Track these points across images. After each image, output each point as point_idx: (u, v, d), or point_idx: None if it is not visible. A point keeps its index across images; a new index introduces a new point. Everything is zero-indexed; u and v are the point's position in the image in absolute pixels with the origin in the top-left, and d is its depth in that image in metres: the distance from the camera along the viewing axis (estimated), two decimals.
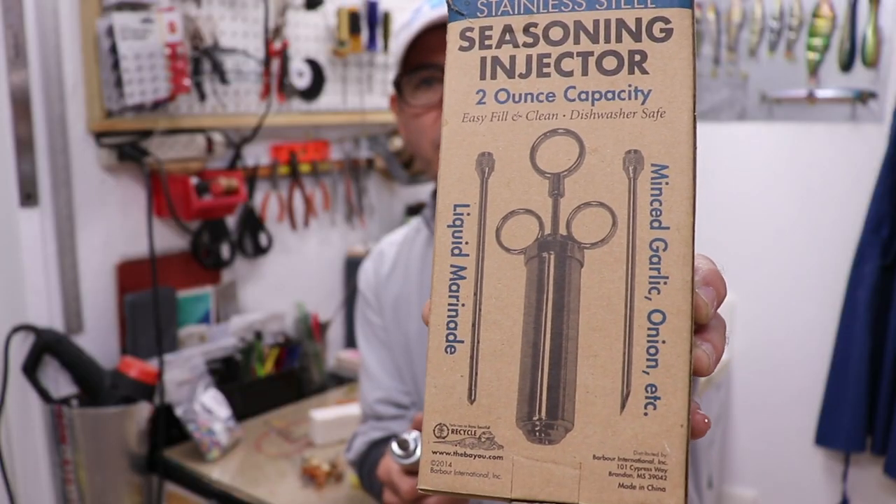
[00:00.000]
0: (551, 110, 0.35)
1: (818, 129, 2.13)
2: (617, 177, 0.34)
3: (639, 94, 0.34)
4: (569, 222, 0.34)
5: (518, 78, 0.36)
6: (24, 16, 1.41)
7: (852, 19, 2.03)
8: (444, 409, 0.34)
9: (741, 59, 2.23)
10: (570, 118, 0.35)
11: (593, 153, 0.34)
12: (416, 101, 0.91)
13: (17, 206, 1.45)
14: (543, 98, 0.35)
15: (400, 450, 0.76)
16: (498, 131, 0.36)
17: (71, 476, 1.46)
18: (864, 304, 2.00)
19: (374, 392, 1.04)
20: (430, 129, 0.90)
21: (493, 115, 0.36)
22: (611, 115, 0.34)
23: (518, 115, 0.36)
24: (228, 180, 1.69)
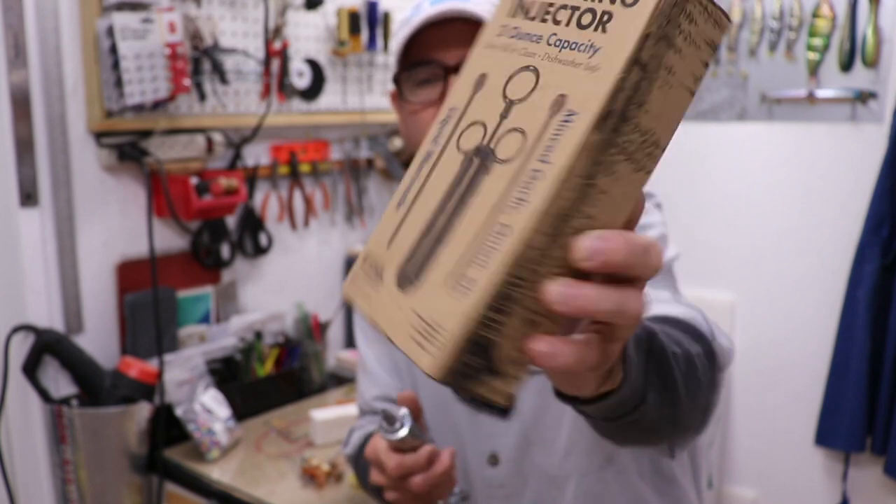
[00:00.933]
0: (533, 50, 0.42)
1: (818, 129, 2.13)
2: (542, 113, 0.39)
3: (591, 49, 0.39)
4: (498, 139, 0.41)
5: (527, 20, 0.43)
6: (24, 15, 1.41)
7: (852, 19, 2.03)
8: (374, 244, 0.45)
9: (741, 59, 2.23)
10: (541, 59, 0.41)
11: (539, 90, 0.40)
12: (416, 98, 0.90)
13: (17, 206, 1.45)
14: (534, 39, 0.42)
15: (387, 424, 0.75)
16: (497, 59, 0.44)
17: (71, 476, 1.46)
18: (864, 304, 2.00)
19: (372, 389, 1.04)
20: (429, 126, 0.89)
21: (501, 46, 0.44)
22: (566, 63, 0.40)
23: (514, 49, 0.43)
24: (228, 180, 1.69)
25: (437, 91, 0.87)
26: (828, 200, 2.14)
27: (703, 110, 2.33)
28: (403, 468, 0.75)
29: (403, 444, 0.75)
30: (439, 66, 0.87)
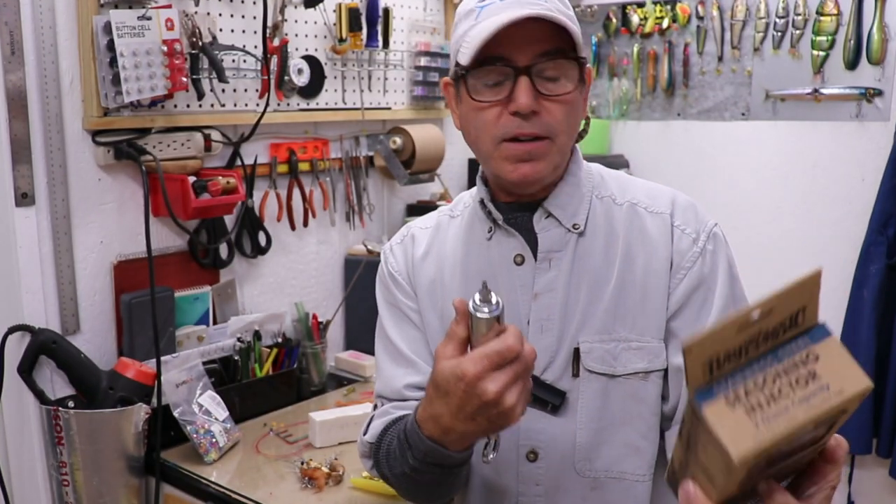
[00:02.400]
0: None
1: (823, 127, 2.11)
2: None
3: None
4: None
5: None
6: (21, 12, 1.40)
7: (858, 16, 2.01)
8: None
9: (745, 57, 2.21)
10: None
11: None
12: (482, 96, 0.90)
13: (12, 206, 1.44)
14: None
15: (482, 298, 0.73)
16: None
17: (67, 478, 1.45)
18: (869, 304, 1.98)
19: (407, 376, 0.98)
20: (493, 124, 0.90)
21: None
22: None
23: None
24: (226, 179, 1.67)
25: (506, 91, 0.88)
26: (833, 199, 2.12)
27: (707, 108, 2.31)
28: (512, 349, 0.71)
29: (498, 325, 0.73)
30: (512, 66, 0.87)
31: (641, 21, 2.36)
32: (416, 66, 2.15)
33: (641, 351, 0.90)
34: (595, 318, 0.91)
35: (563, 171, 0.96)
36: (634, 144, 2.45)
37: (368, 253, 2.05)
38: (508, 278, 0.95)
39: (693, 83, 2.31)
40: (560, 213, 0.94)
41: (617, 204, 0.97)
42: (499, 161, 0.92)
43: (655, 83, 2.38)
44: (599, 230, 0.95)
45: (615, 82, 2.46)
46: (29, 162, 1.45)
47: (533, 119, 0.88)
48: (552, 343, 0.92)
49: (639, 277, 0.92)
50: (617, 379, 0.90)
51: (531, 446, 0.93)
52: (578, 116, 0.94)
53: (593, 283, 0.92)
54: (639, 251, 0.93)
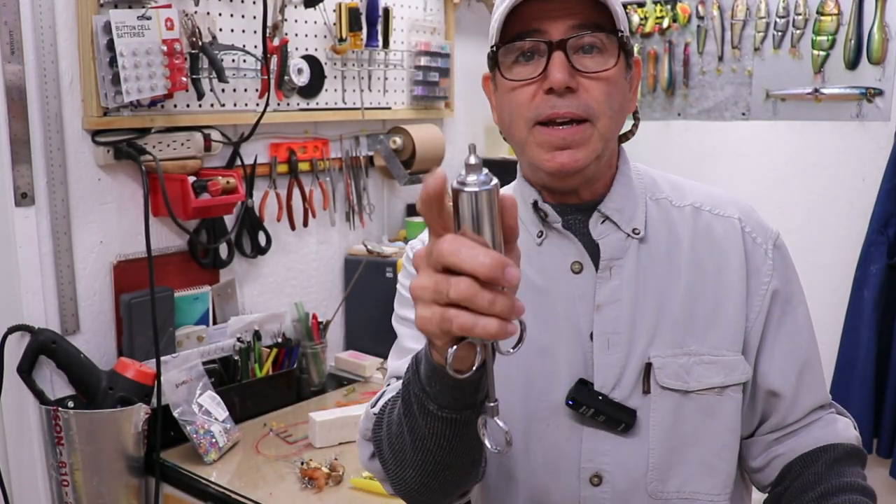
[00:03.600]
0: None
1: (824, 126, 2.11)
2: None
3: None
4: None
5: None
6: (20, 12, 1.40)
7: (858, 16, 2.00)
8: None
9: (746, 57, 2.21)
10: None
11: None
12: (514, 74, 0.82)
13: (12, 205, 1.44)
14: None
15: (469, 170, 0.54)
16: None
17: (67, 478, 1.45)
18: (870, 304, 1.98)
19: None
20: (526, 106, 0.82)
21: None
22: None
23: None
24: (226, 179, 1.67)
25: (539, 67, 0.80)
26: (833, 199, 2.12)
27: (708, 108, 2.31)
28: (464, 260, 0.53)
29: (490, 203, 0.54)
30: (544, 38, 0.80)
31: (642, 21, 2.36)
32: (415, 66, 2.15)
33: (715, 365, 0.84)
34: (665, 331, 0.85)
35: (613, 169, 0.89)
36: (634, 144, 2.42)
37: (368, 253, 2.05)
38: (566, 288, 0.87)
39: (693, 83, 2.31)
40: (618, 216, 0.87)
41: (676, 207, 0.90)
42: (533, 148, 0.83)
43: (656, 83, 2.38)
44: (660, 235, 0.88)
45: None
46: (29, 162, 1.45)
47: (569, 97, 0.80)
48: (620, 358, 0.84)
49: (710, 287, 0.86)
50: (690, 395, 0.84)
51: (595, 470, 0.84)
52: (622, 100, 0.84)
53: (660, 294, 0.85)
54: (707, 258, 0.87)
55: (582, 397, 0.83)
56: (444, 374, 0.62)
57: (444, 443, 0.70)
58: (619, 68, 0.83)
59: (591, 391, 0.83)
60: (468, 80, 2.39)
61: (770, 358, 0.87)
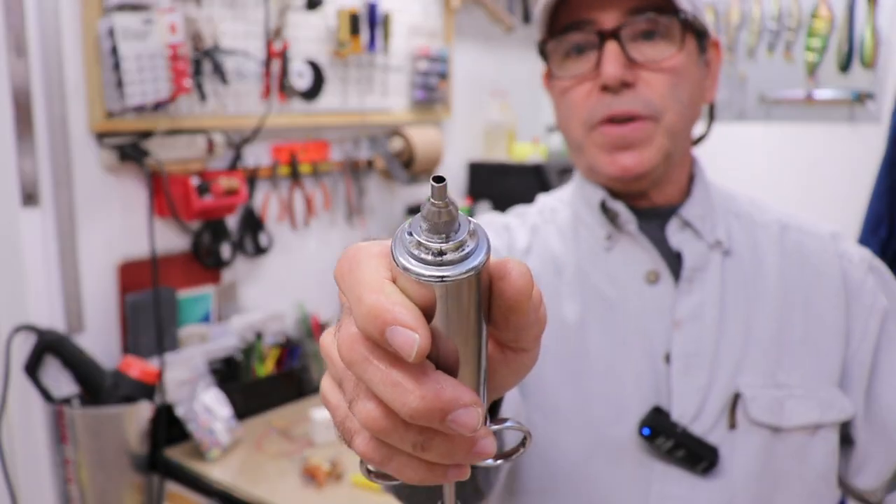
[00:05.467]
0: None
1: (816, 129, 2.14)
2: None
3: None
4: None
5: None
6: (26, 16, 1.42)
7: (850, 20, 2.03)
8: None
9: (739, 60, 2.24)
10: None
11: None
12: (565, 71, 0.74)
13: (18, 207, 1.45)
14: None
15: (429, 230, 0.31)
16: None
17: (72, 475, 1.47)
18: None
19: None
20: (581, 105, 0.73)
21: None
22: None
23: None
24: (229, 181, 1.69)
25: (591, 62, 0.71)
26: (826, 201, 2.14)
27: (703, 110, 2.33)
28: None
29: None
30: (594, 29, 0.71)
31: None
32: (415, 70, 2.18)
33: (810, 400, 0.71)
34: (755, 358, 0.72)
35: (688, 170, 0.79)
36: None
37: None
38: (638, 300, 0.75)
39: None
40: (700, 224, 0.76)
41: (759, 224, 0.79)
42: (592, 150, 0.74)
43: None
44: (744, 252, 0.77)
45: None
46: (34, 164, 1.46)
47: (626, 94, 0.70)
48: (702, 385, 0.71)
49: (801, 312, 0.74)
50: (781, 433, 0.71)
51: None
52: (692, 90, 0.73)
53: (747, 315, 0.74)
54: (798, 280, 0.75)
55: (660, 426, 0.69)
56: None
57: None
58: (687, 54, 0.72)
59: (669, 420, 0.70)
60: (467, 83, 2.42)
61: (891, 386, 0.73)
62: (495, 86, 2.49)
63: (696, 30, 0.73)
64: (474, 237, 0.31)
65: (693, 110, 0.75)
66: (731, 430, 0.71)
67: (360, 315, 0.30)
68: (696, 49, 0.73)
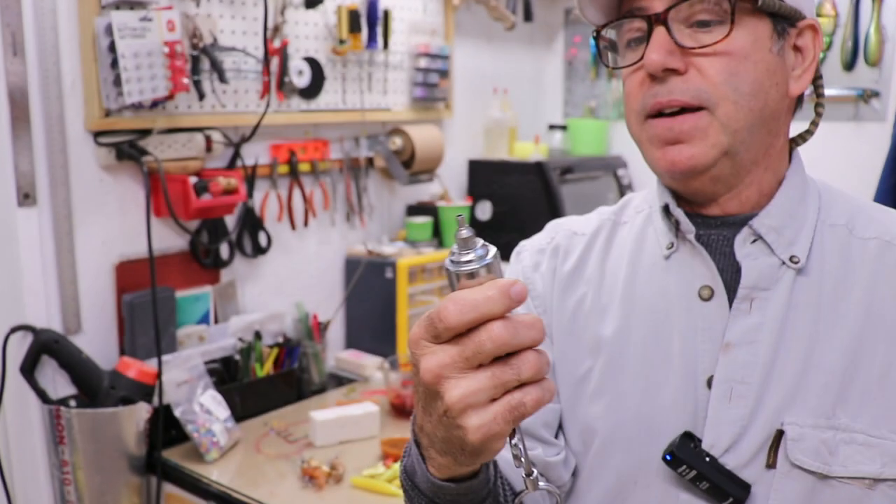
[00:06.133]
0: None
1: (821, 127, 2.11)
2: None
3: None
4: None
5: None
6: (23, 14, 1.40)
7: (855, 18, 2.02)
8: None
9: None
10: None
11: None
12: (624, 62, 0.71)
13: (14, 206, 1.44)
14: None
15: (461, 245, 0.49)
16: None
17: (69, 477, 1.46)
18: None
19: None
20: (634, 96, 0.70)
21: None
22: None
23: None
24: (227, 180, 1.68)
25: (642, 50, 0.67)
26: None
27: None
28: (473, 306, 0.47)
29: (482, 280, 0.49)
30: (642, 16, 0.67)
31: None
32: (415, 68, 2.16)
33: (873, 449, 0.64)
34: (810, 393, 0.66)
35: (777, 176, 0.71)
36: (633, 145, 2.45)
37: (368, 253, 2.06)
38: (688, 317, 0.70)
39: None
40: (774, 237, 0.69)
41: (858, 238, 0.70)
42: (646, 145, 0.70)
43: None
44: (829, 269, 0.68)
45: (614, 83, 2.47)
46: (31, 162, 1.45)
47: (673, 81, 0.66)
48: (743, 416, 0.67)
49: (885, 343, 0.65)
50: (830, 481, 0.64)
51: None
52: (758, 78, 0.66)
53: (813, 342, 0.66)
54: (890, 307, 0.66)
55: (684, 454, 0.66)
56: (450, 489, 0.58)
57: None
58: (747, 36, 0.65)
59: (697, 449, 0.67)
60: (467, 81, 2.40)
61: None
62: (496, 84, 2.47)
63: (772, 11, 0.66)
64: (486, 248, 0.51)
65: (762, 101, 0.67)
66: (768, 470, 0.66)
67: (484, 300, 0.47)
68: (768, 32, 0.67)
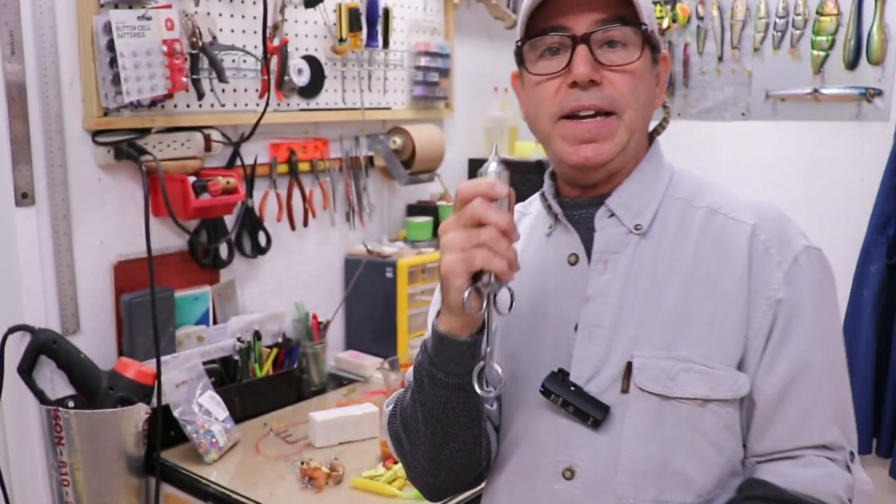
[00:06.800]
0: None
1: (823, 127, 2.11)
2: None
3: None
4: None
5: None
6: (21, 12, 1.40)
7: (858, 16, 2.01)
8: None
9: (745, 57, 2.21)
10: None
11: None
12: (540, 69, 0.84)
13: (13, 206, 1.44)
14: None
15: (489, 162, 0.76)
16: None
17: (67, 478, 1.45)
18: (869, 304, 1.98)
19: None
20: (550, 100, 0.84)
21: None
22: None
23: None
24: (226, 179, 1.67)
25: (564, 61, 0.82)
26: (832, 199, 2.12)
27: (707, 108, 2.31)
28: (472, 185, 0.73)
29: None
30: (568, 33, 0.81)
31: None
32: (415, 67, 2.15)
33: (704, 376, 0.80)
34: (653, 332, 0.82)
35: (632, 164, 0.88)
36: None
37: (368, 253, 2.06)
38: (560, 279, 0.88)
39: (693, 83, 2.31)
40: (622, 211, 0.86)
41: (694, 207, 0.87)
42: (558, 141, 0.84)
43: None
44: (668, 234, 0.85)
45: None
46: (29, 162, 1.45)
47: (593, 91, 0.81)
48: (599, 352, 0.83)
49: (709, 292, 0.82)
50: (671, 401, 0.80)
51: (568, 463, 0.84)
52: (648, 93, 0.85)
53: (652, 291, 0.83)
54: (711, 262, 0.83)
55: (554, 386, 0.84)
56: (449, 342, 0.78)
57: (449, 412, 0.82)
58: (644, 62, 0.83)
59: (564, 381, 0.84)
60: (468, 80, 2.39)
61: (762, 377, 0.81)
62: (497, 83, 2.46)
63: (653, 44, 0.85)
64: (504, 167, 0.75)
65: (648, 111, 0.87)
66: (623, 394, 0.82)
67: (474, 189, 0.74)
68: (650, 59, 0.86)
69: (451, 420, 0.83)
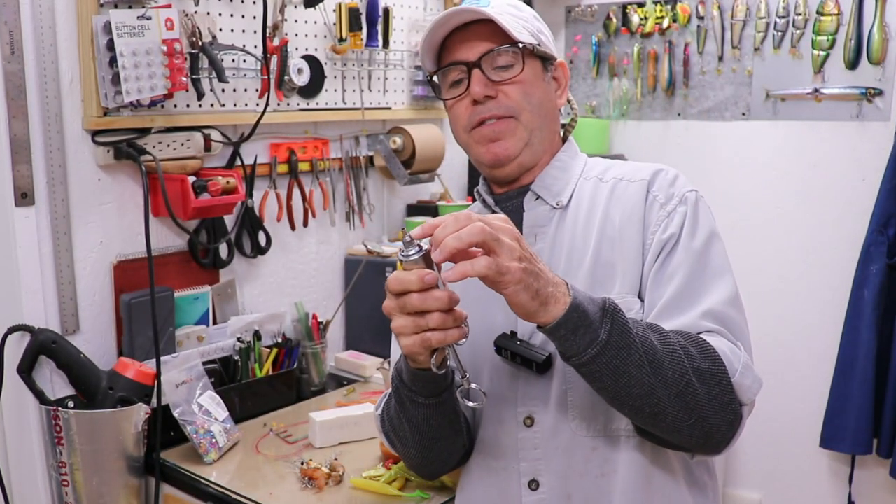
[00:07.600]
0: None
1: (823, 126, 2.11)
2: None
3: None
4: None
5: None
6: (20, 12, 1.40)
7: (858, 16, 2.00)
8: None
9: (746, 57, 2.21)
10: None
11: None
12: (449, 94, 1.06)
13: (12, 205, 1.44)
14: None
15: (404, 247, 0.81)
16: None
17: (67, 478, 1.45)
18: (870, 304, 1.98)
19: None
20: (462, 115, 1.05)
21: None
22: None
23: None
24: (226, 179, 1.67)
25: (465, 85, 1.03)
26: (833, 199, 2.12)
27: (707, 108, 2.31)
28: (400, 282, 0.80)
29: (414, 266, 0.80)
30: (463, 63, 1.02)
31: (642, 21, 2.36)
32: (416, 66, 2.15)
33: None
34: (577, 284, 0.92)
35: (548, 157, 1.07)
36: (635, 144, 2.45)
37: (368, 253, 2.05)
38: None
39: (693, 83, 2.31)
40: (545, 192, 1.05)
41: (603, 181, 1.05)
42: (474, 146, 1.05)
43: (656, 83, 2.37)
44: (583, 204, 1.03)
45: (615, 82, 2.46)
46: (29, 162, 1.44)
47: (491, 103, 1.02)
48: None
49: (615, 243, 0.99)
50: None
51: (527, 412, 0.99)
52: (542, 97, 1.04)
53: (573, 251, 1.01)
54: (616, 219, 1.00)
55: (502, 343, 0.98)
56: (423, 375, 0.91)
57: (432, 422, 0.97)
58: (531, 72, 1.03)
59: (513, 338, 0.98)
60: None
61: (651, 292, 0.96)
62: None
63: (539, 56, 1.05)
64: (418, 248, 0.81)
65: (545, 110, 1.06)
66: None
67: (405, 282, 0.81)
68: (540, 69, 1.05)
69: (435, 427, 0.98)
